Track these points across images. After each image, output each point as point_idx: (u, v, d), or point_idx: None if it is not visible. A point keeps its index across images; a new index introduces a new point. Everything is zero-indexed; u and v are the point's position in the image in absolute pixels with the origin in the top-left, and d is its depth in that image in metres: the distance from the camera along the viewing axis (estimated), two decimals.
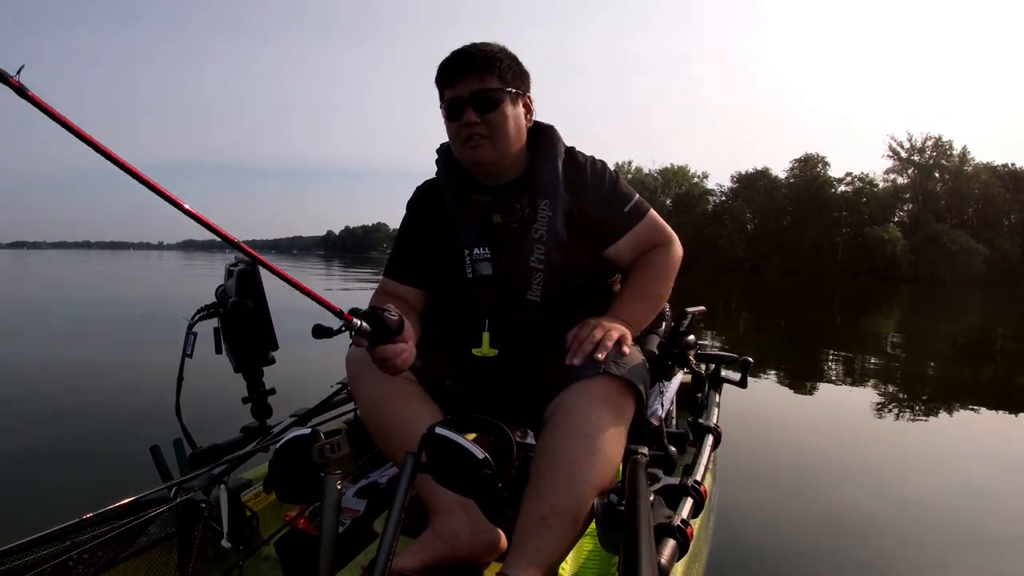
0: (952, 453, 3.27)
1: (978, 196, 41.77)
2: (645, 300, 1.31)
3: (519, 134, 1.29)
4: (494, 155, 1.25)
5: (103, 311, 10.14)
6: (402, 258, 1.39)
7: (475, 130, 1.22)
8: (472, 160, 1.26)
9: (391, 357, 1.01)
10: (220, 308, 1.45)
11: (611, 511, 0.92)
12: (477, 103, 1.22)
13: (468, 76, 1.23)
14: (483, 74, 1.23)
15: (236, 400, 1.50)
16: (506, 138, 1.25)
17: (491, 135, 1.23)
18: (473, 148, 1.24)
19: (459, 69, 1.23)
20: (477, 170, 1.30)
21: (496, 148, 1.25)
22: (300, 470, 0.91)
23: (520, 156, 1.31)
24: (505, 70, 1.25)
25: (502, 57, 1.25)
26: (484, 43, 1.27)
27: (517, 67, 1.28)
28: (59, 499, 2.37)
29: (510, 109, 1.25)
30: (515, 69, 1.28)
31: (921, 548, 2.10)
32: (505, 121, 1.24)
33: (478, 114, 1.22)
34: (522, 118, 1.29)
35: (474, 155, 1.25)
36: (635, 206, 1.33)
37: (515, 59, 1.28)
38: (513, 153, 1.28)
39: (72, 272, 26.29)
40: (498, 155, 1.26)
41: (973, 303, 17.37)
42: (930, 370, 6.03)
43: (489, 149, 1.24)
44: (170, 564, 1.10)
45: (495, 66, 1.24)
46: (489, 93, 1.23)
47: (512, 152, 1.28)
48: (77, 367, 5.24)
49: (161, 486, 1.17)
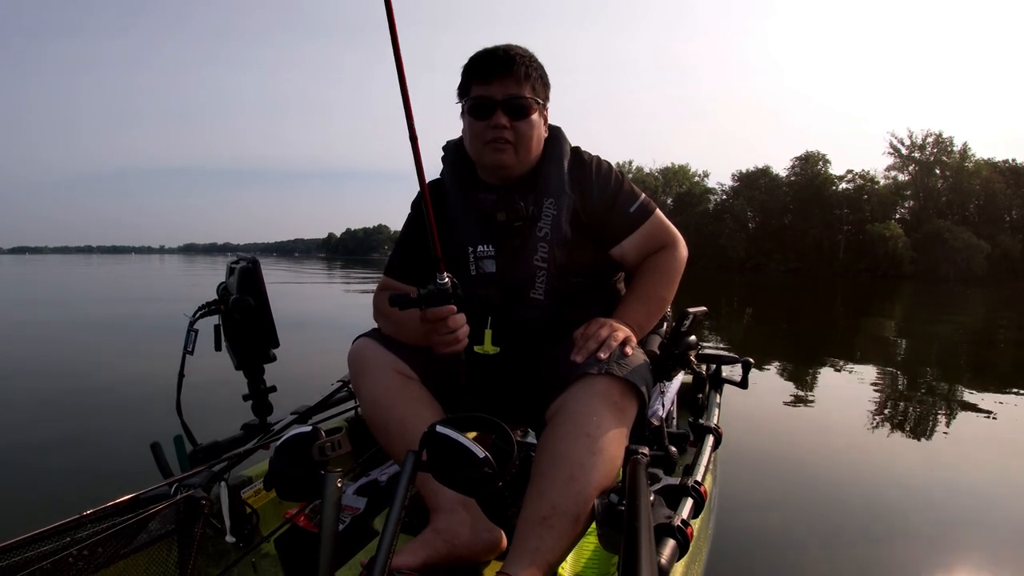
0: (954, 453, 3.26)
1: (979, 192, 41.73)
2: (649, 304, 1.31)
3: (539, 144, 1.31)
4: (515, 161, 1.27)
5: (103, 311, 10.15)
6: (405, 257, 1.40)
7: (502, 134, 1.23)
8: (493, 163, 1.27)
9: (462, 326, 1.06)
10: (221, 305, 1.45)
11: (611, 511, 0.91)
12: (509, 108, 1.23)
13: (505, 79, 1.23)
14: (520, 80, 1.24)
15: (237, 397, 1.51)
16: (529, 147, 1.27)
17: (516, 142, 1.25)
18: (496, 151, 1.25)
19: (495, 69, 1.23)
20: (493, 172, 1.30)
21: (518, 155, 1.27)
22: (300, 468, 0.92)
23: (534, 161, 1.32)
24: (537, 80, 1.27)
25: (536, 66, 1.27)
26: (520, 47, 1.27)
27: (545, 78, 1.30)
28: (60, 495, 2.37)
29: (536, 119, 1.27)
30: (544, 80, 1.30)
31: (922, 548, 2.10)
32: (532, 130, 1.27)
33: (509, 120, 1.23)
34: (543, 128, 1.32)
35: (497, 158, 1.26)
36: (641, 206, 1.33)
37: (543, 70, 1.30)
38: (531, 161, 1.30)
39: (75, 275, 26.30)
40: (519, 161, 1.28)
41: (976, 300, 17.35)
42: (932, 369, 6.02)
43: (512, 155, 1.26)
44: (170, 561, 1.10)
45: (530, 75, 1.25)
46: (523, 101, 1.24)
47: (531, 160, 1.30)
48: (78, 365, 5.26)
49: (162, 483, 1.17)
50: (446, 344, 1.07)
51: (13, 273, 29.07)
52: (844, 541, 2.11)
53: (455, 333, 1.06)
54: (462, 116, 1.30)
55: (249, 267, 1.46)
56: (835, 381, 5.20)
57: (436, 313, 1.04)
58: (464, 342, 1.08)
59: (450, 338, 1.06)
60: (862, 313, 13.18)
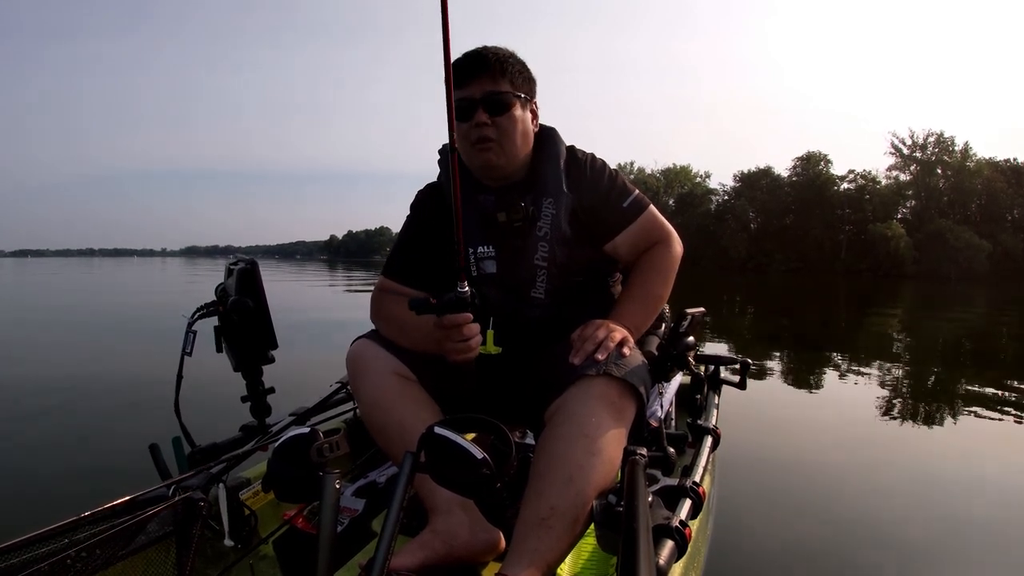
0: (955, 453, 3.26)
1: (981, 192, 41.68)
2: (645, 303, 1.31)
3: (526, 139, 1.30)
4: (502, 158, 1.27)
5: (104, 310, 10.16)
6: (404, 258, 1.39)
7: (485, 132, 1.24)
8: (481, 163, 1.27)
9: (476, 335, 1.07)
10: (220, 307, 1.45)
11: (610, 512, 0.91)
12: (488, 105, 1.24)
13: (481, 78, 1.24)
14: (495, 76, 1.24)
15: (235, 399, 1.51)
16: (514, 142, 1.27)
17: (500, 138, 1.25)
18: (482, 151, 1.25)
19: (471, 70, 1.24)
20: (484, 173, 1.30)
21: (504, 151, 1.26)
22: (299, 469, 0.92)
23: (526, 159, 1.32)
24: (516, 75, 1.27)
25: (513, 62, 1.27)
26: (495, 47, 1.28)
27: (527, 73, 1.31)
28: (58, 497, 2.37)
29: (519, 113, 1.27)
30: (525, 74, 1.30)
31: (922, 549, 2.09)
32: (514, 124, 1.26)
33: (489, 116, 1.23)
34: (529, 123, 1.31)
35: (483, 158, 1.26)
36: (634, 201, 1.33)
37: (524, 65, 1.31)
38: (520, 157, 1.30)
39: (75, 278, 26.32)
40: (506, 158, 1.28)
41: (978, 299, 17.32)
42: (933, 369, 6.02)
43: (498, 152, 1.26)
44: (168, 562, 1.10)
45: (507, 70, 1.25)
46: (501, 96, 1.24)
47: (519, 156, 1.30)
48: (76, 366, 5.26)
49: (160, 484, 1.17)
50: (458, 352, 1.07)
51: (14, 277, 29.09)
52: (844, 542, 2.10)
53: (468, 342, 1.07)
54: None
55: (247, 268, 1.46)
56: (835, 381, 5.19)
57: (453, 320, 1.05)
58: (476, 351, 1.09)
59: (463, 346, 1.07)
60: (863, 313, 13.16)
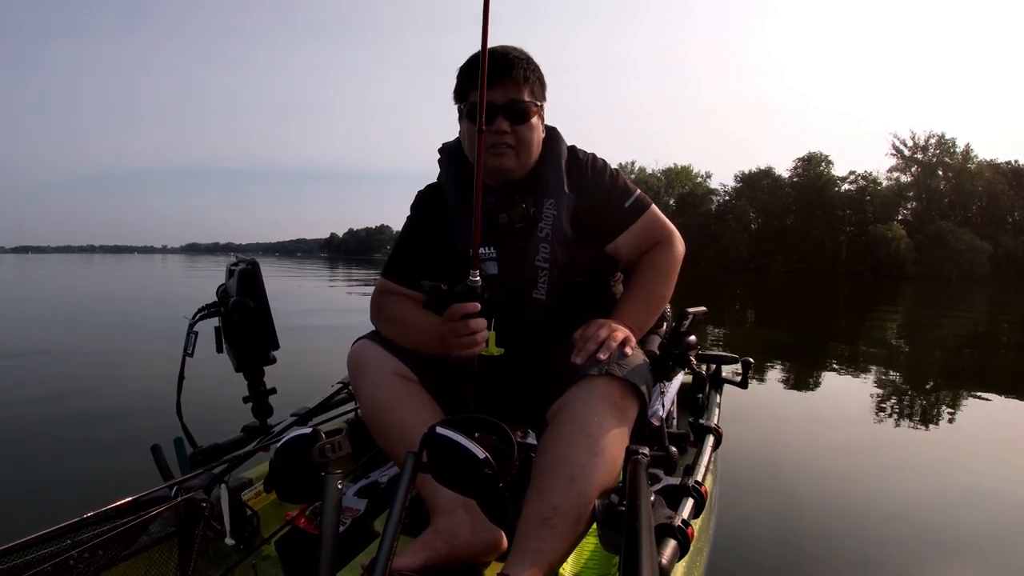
0: (956, 453, 3.26)
1: (982, 194, 41.61)
2: (647, 303, 1.31)
3: (539, 146, 1.31)
4: (516, 164, 1.27)
5: (103, 310, 10.16)
6: (404, 259, 1.39)
7: (503, 139, 1.23)
8: (494, 167, 1.26)
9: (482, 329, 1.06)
10: (221, 307, 1.45)
11: (612, 511, 0.91)
12: (510, 113, 1.23)
13: (504, 83, 1.22)
14: (519, 83, 1.23)
15: (237, 399, 1.51)
16: (530, 151, 1.28)
17: (517, 146, 1.25)
18: (498, 156, 1.25)
19: (495, 73, 1.20)
20: (492, 175, 1.30)
21: (519, 158, 1.27)
22: (301, 469, 0.91)
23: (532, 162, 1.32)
24: (535, 82, 1.26)
25: (533, 67, 1.26)
26: (515, 49, 1.26)
27: (543, 79, 1.30)
28: (60, 498, 2.37)
29: (536, 122, 1.28)
30: (542, 80, 1.29)
31: (923, 549, 2.09)
32: (532, 134, 1.27)
33: (510, 124, 1.23)
34: (541, 129, 1.31)
35: (498, 163, 1.26)
36: (635, 201, 1.33)
37: (540, 70, 1.29)
38: (531, 163, 1.30)
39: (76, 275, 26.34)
40: (520, 165, 1.28)
41: (979, 301, 17.30)
42: (934, 370, 6.01)
43: (513, 159, 1.26)
44: (170, 563, 1.10)
45: (528, 77, 1.24)
46: (523, 105, 1.24)
47: (531, 163, 1.30)
48: (78, 366, 5.26)
49: (162, 485, 1.16)
50: (463, 347, 1.06)
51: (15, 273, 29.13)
52: (845, 541, 2.10)
53: (475, 336, 1.06)
54: (460, 119, 1.30)
55: (248, 269, 1.46)
56: (836, 380, 5.18)
57: (461, 308, 1.04)
58: (482, 345, 1.07)
59: (469, 340, 1.06)
60: (864, 313, 13.14)
